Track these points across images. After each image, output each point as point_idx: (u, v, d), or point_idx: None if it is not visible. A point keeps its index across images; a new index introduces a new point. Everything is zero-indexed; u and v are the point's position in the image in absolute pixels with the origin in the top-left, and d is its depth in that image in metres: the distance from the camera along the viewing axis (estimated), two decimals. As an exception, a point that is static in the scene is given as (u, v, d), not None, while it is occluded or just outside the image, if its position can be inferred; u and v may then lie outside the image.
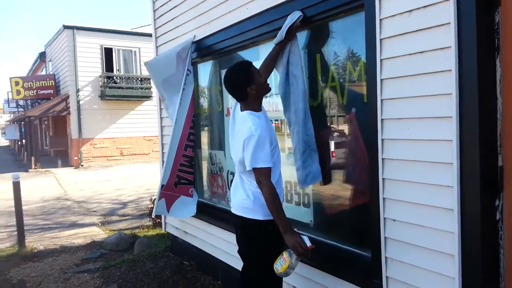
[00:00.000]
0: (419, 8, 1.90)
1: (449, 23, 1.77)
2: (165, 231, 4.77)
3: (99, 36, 16.08)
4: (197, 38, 3.81)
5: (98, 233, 6.45)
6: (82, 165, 15.92)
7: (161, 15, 4.43)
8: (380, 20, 2.09)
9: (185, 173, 4.00)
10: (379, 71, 2.11)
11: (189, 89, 3.95)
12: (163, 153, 4.63)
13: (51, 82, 17.09)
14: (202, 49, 3.82)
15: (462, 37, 1.74)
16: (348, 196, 2.59)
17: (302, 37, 2.80)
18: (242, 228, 2.35)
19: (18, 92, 16.56)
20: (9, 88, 16.69)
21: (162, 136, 4.70)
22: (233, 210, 2.39)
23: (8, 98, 18.06)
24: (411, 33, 1.96)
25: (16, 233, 5.88)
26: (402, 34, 2.00)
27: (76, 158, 15.93)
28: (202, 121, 4.24)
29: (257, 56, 3.26)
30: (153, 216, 3.96)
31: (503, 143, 1.77)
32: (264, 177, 2.14)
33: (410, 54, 1.97)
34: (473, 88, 1.74)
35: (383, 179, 2.14)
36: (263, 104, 2.40)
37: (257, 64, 3.15)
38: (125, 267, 4.35)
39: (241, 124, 2.27)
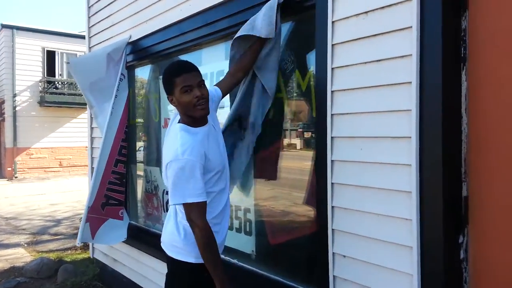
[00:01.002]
0: (377, 9, 1.63)
1: (411, 26, 1.51)
2: (93, 257, 4.21)
3: (41, 37, 14.91)
4: (133, 39, 3.39)
5: (23, 256, 5.70)
6: (16, 177, 14.58)
7: (96, 12, 3.96)
8: (333, 22, 1.81)
9: (115, 192, 3.50)
10: (330, 82, 1.83)
11: (123, 96, 3.49)
12: (92, 168, 4.10)
13: (-15, 85, 15.67)
14: (139, 51, 3.40)
15: (425, 44, 1.49)
16: (295, 225, 2.27)
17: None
18: (170, 270, 1.87)
19: None
20: None
21: (92, 149, 4.18)
22: (163, 246, 1.90)
23: None
24: (367, 38, 1.69)
25: None
26: (356, 39, 1.73)
27: (9, 169, 14.57)
28: (137, 133, 3.79)
29: (199, 60, 2.90)
30: (77, 244, 3.41)
31: (468, 169, 1.52)
32: (195, 214, 1.64)
33: (365, 63, 1.70)
34: (436, 104, 1.49)
35: (332, 206, 1.84)
36: None
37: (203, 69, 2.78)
38: (42, 300, 3.74)
39: (170, 140, 1.79)
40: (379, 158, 1.66)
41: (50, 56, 15.14)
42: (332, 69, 1.82)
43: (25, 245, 6.40)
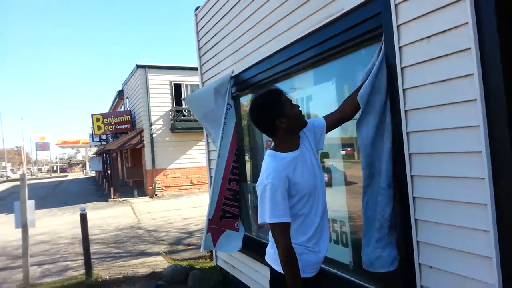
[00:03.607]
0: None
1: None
2: (216, 264, 4.77)
3: (169, 73, 17.14)
4: (235, 73, 3.87)
5: (162, 263, 6.64)
6: (156, 195, 16.77)
7: (204, 53, 4.59)
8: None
9: (230, 207, 4.00)
10: (402, 101, 1.94)
11: (231, 123, 3.98)
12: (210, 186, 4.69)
13: (128, 117, 18.48)
14: (240, 83, 3.87)
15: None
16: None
17: (329, 69, 2.70)
18: (270, 276, 2.04)
19: (99, 128, 18.16)
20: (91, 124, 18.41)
21: (210, 170, 4.78)
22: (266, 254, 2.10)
23: (92, 133, 19.79)
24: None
25: (91, 261, 6.32)
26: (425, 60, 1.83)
27: (150, 188, 16.85)
28: (245, 154, 4.24)
29: (292, 87, 3.21)
30: (201, 251, 3.98)
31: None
32: (277, 233, 1.78)
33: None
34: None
35: (415, 220, 1.93)
36: None
37: (294, 95, 3.08)
38: (176, 302, 4.38)
39: (262, 166, 1.94)
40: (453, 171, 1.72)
41: (177, 88, 17.19)
42: (404, 90, 1.94)
43: (164, 253, 7.39)
